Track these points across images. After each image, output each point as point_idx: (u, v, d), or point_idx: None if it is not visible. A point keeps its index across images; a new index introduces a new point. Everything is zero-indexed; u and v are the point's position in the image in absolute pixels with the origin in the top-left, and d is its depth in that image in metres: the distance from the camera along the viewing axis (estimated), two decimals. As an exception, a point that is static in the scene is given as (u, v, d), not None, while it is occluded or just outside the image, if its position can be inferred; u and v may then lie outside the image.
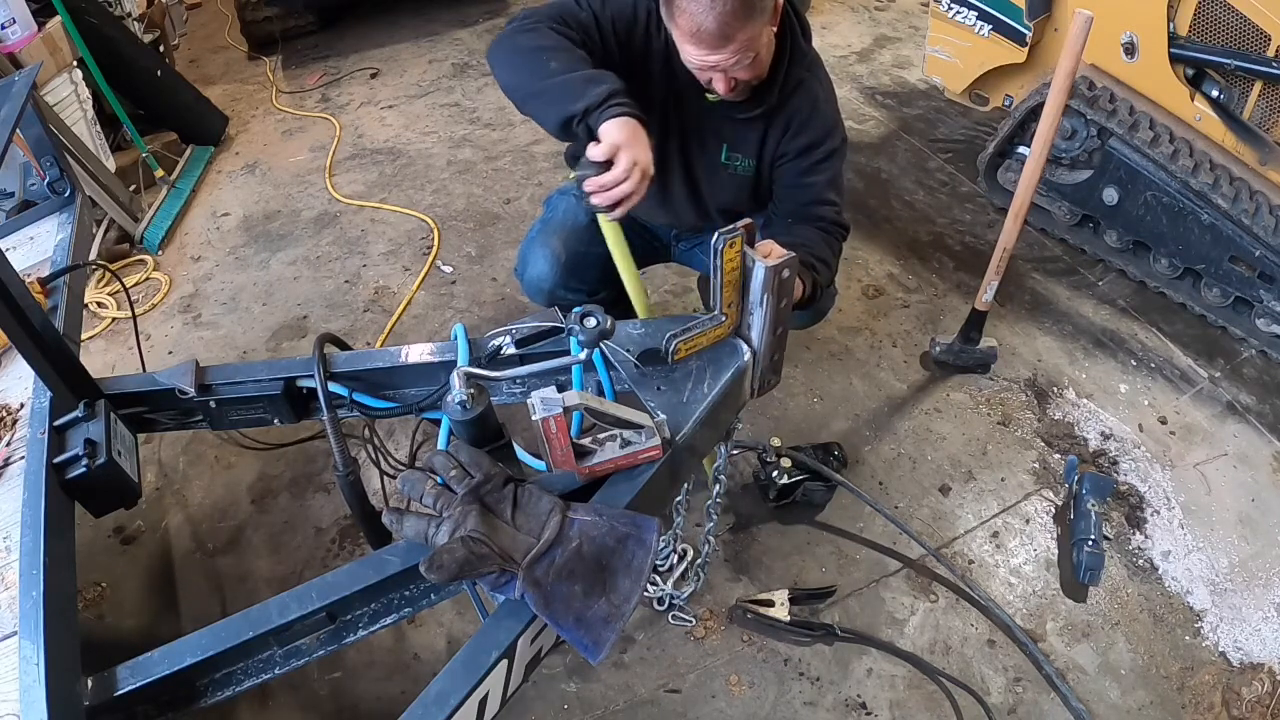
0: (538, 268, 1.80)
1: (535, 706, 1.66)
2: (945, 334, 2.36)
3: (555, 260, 1.78)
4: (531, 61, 1.40)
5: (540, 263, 1.80)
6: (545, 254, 1.79)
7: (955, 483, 2.07)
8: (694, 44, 1.37)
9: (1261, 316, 2.32)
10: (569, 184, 1.86)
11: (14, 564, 1.17)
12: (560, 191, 1.94)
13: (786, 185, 1.65)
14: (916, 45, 3.92)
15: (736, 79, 1.45)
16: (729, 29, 1.33)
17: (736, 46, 1.36)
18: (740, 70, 1.43)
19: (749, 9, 1.33)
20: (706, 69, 1.42)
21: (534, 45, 1.42)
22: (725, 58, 1.38)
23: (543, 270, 1.80)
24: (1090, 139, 2.45)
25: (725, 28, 1.32)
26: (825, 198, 1.61)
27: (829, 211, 1.61)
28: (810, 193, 1.62)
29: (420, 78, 3.97)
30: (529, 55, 1.41)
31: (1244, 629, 1.79)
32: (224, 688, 1.11)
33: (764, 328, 1.25)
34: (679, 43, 1.42)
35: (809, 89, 1.59)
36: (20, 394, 1.45)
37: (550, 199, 1.96)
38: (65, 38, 2.80)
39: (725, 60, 1.38)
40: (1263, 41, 2.09)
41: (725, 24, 1.32)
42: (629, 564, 1.02)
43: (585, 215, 1.80)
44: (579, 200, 1.37)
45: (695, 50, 1.38)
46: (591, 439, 1.14)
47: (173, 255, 2.95)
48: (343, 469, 1.32)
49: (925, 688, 1.69)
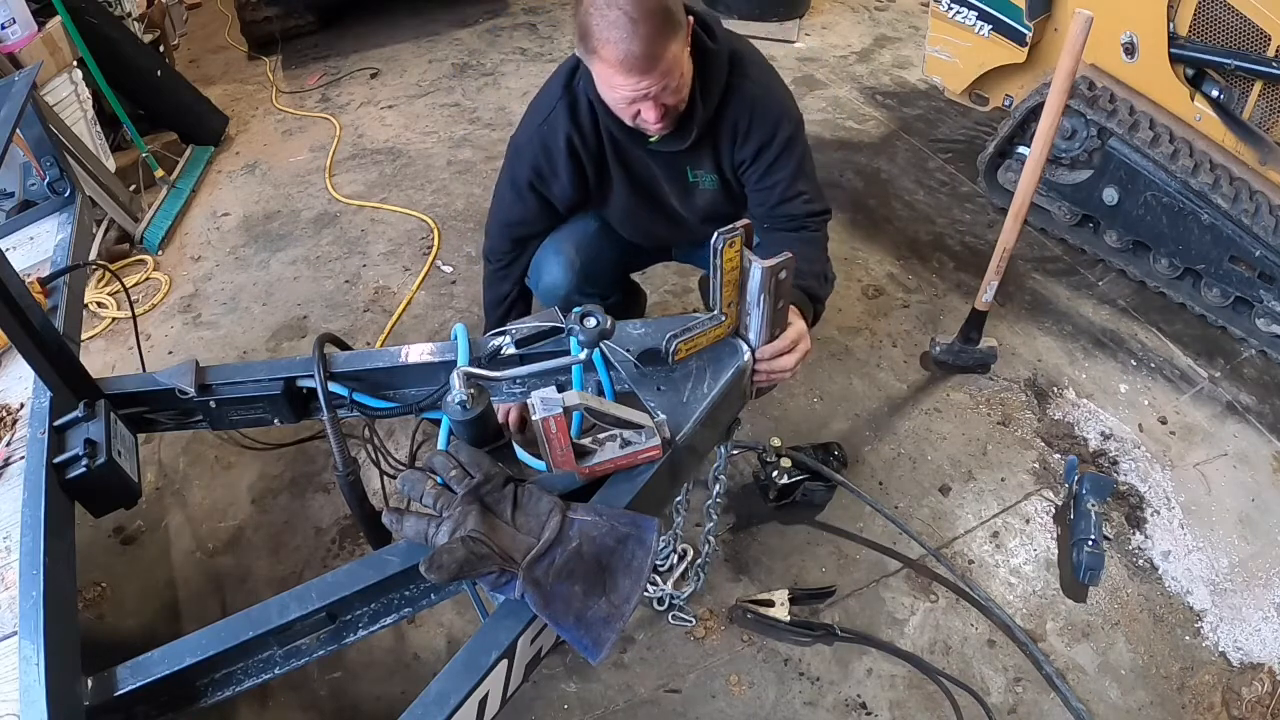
0: (553, 276, 1.79)
1: (535, 706, 1.66)
2: (945, 334, 2.36)
3: (570, 267, 1.78)
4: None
5: (555, 270, 1.79)
6: (560, 261, 1.78)
7: (955, 483, 2.07)
8: (623, 73, 1.34)
9: (1261, 316, 2.32)
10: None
11: (14, 564, 1.17)
12: None
13: (753, 189, 1.64)
14: (916, 45, 3.91)
15: (665, 105, 1.42)
16: (655, 48, 1.32)
17: (664, 66, 1.35)
18: (668, 96, 1.41)
19: (668, 25, 1.32)
20: (636, 100, 1.40)
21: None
22: (654, 81, 1.36)
23: (558, 278, 1.79)
24: (1090, 139, 2.45)
25: (651, 48, 1.31)
26: (794, 191, 1.60)
27: (800, 206, 1.60)
28: (777, 191, 1.60)
29: (420, 78, 3.97)
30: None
31: (1244, 629, 1.79)
32: (224, 688, 1.11)
33: (761, 329, 1.25)
34: (605, 77, 1.38)
35: (738, 91, 1.55)
36: (20, 394, 1.45)
37: None
38: (65, 38, 2.80)
39: (655, 84, 1.37)
40: (1263, 41, 2.09)
41: (651, 44, 1.31)
42: (629, 564, 1.02)
43: (595, 221, 1.82)
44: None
45: (624, 79, 1.35)
46: (591, 439, 1.14)
47: (173, 255, 2.95)
48: (343, 469, 1.32)
49: (925, 688, 1.69)
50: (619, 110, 1.46)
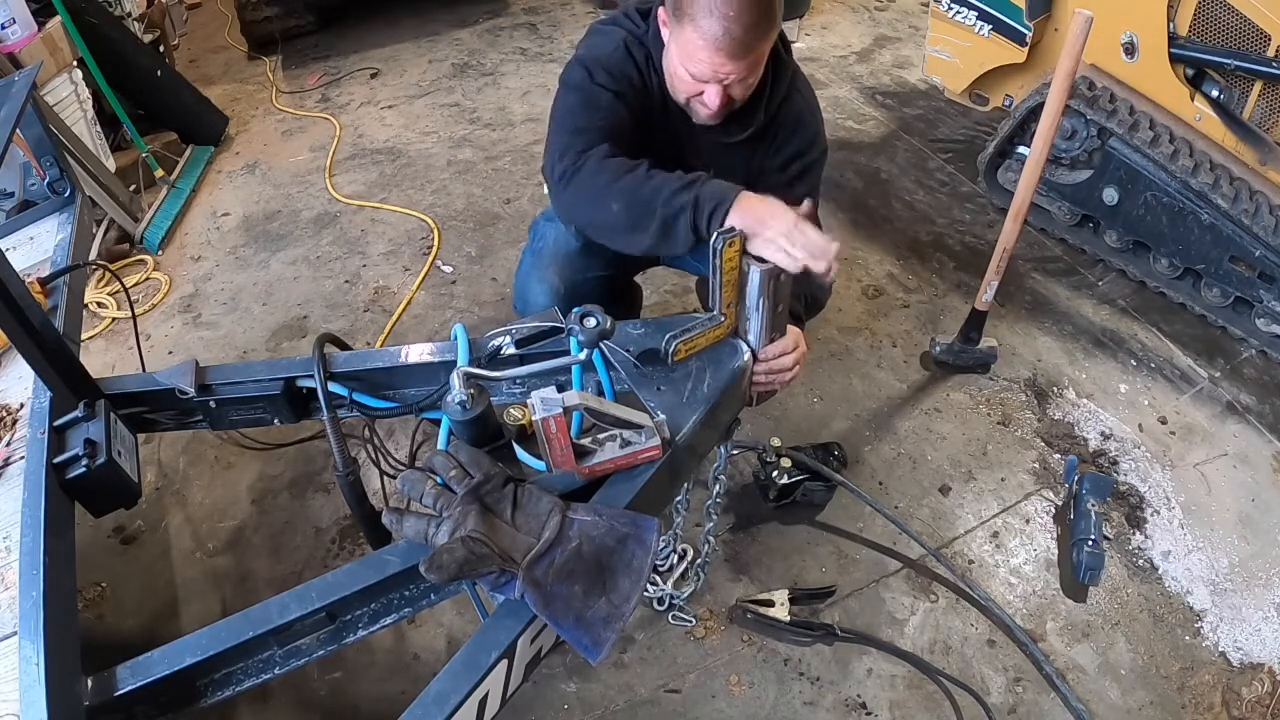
0: (538, 303, 1.77)
1: (535, 706, 1.66)
2: (945, 334, 2.36)
3: (554, 294, 1.76)
4: (625, 197, 1.33)
5: (540, 298, 1.77)
6: (544, 289, 1.77)
7: (955, 483, 2.07)
8: (712, 51, 1.32)
9: (1261, 316, 2.32)
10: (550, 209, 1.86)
11: (14, 564, 1.17)
12: (546, 218, 1.89)
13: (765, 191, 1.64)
14: (916, 45, 3.92)
15: (732, 96, 1.42)
16: (752, 39, 1.31)
17: (754, 59, 1.35)
18: (738, 87, 1.41)
19: (770, 21, 1.32)
20: (712, 81, 1.38)
21: (608, 183, 1.34)
22: (737, 70, 1.35)
23: (544, 303, 1.76)
24: (1090, 139, 2.45)
25: (749, 37, 1.30)
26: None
27: None
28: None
29: (420, 78, 3.97)
30: (617, 194, 1.33)
31: (1244, 629, 1.79)
32: (224, 688, 1.11)
33: (761, 333, 1.26)
34: (690, 50, 1.35)
35: (793, 104, 1.57)
36: (20, 394, 1.45)
37: (536, 225, 1.90)
38: (65, 38, 2.80)
39: (738, 72, 1.36)
40: (1263, 41, 2.09)
41: (750, 34, 1.30)
42: (629, 564, 1.02)
43: (577, 240, 1.79)
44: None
45: (711, 56, 1.33)
46: (591, 439, 1.14)
47: (173, 255, 2.95)
48: (343, 469, 1.32)
49: (925, 688, 1.69)
50: (683, 85, 1.43)
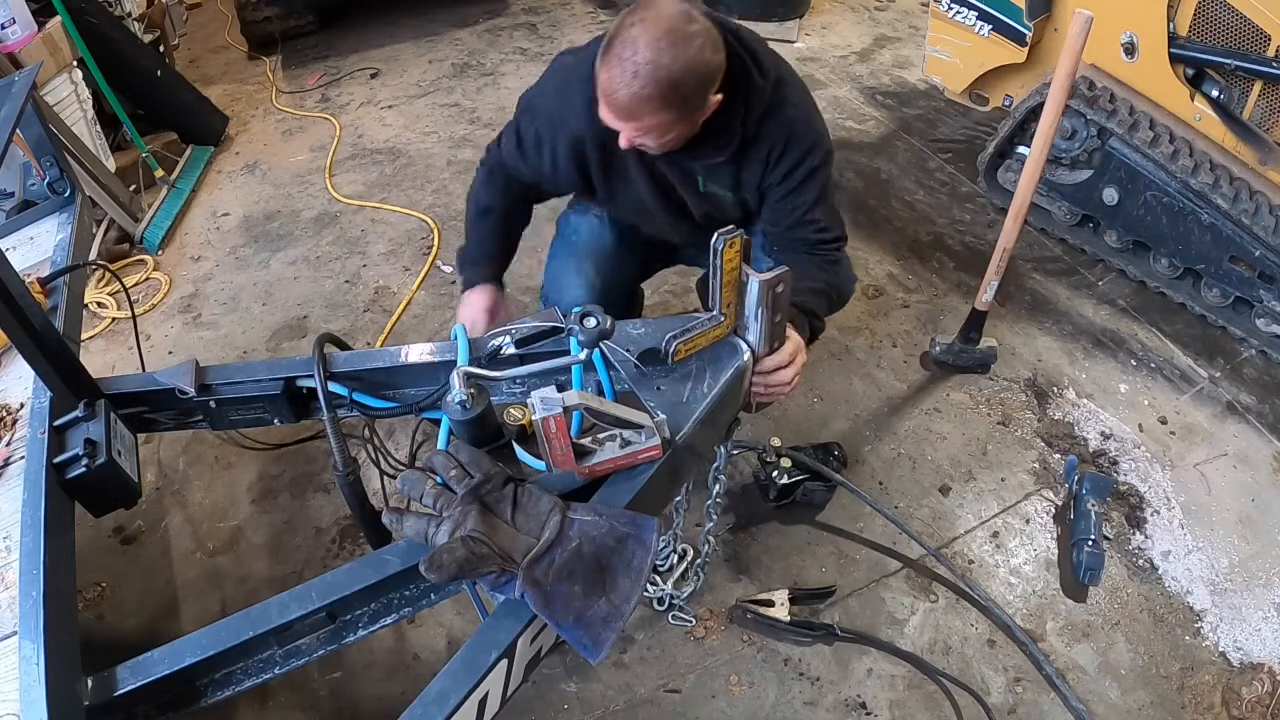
0: (574, 294, 1.79)
1: (535, 706, 1.66)
2: (945, 334, 2.36)
3: (590, 287, 1.78)
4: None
5: (575, 289, 1.79)
6: (581, 281, 1.79)
7: (955, 483, 2.07)
8: (604, 102, 1.37)
9: (1261, 316, 2.32)
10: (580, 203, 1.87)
11: (14, 564, 1.17)
12: (577, 211, 1.90)
13: (771, 206, 1.64)
14: (916, 45, 3.91)
15: (644, 143, 1.44)
16: (638, 109, 1.32)
17: (641, 126, 1.36)
18: (645, 140, 1.42)
19: (666, 101, 1.32)
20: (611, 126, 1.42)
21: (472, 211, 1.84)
22: (626, 129, 1.38)
23: (579, 296, 1.78)
24: (1090, 139, 2.45)
25: (635, 105, 1.32)
26: (810, 218, 1.60)
27: (812, 233, 1.61)
28: (795, 215, 1.60)
29: (420, 78, 3.97)
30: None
31: (1244, 629, 1.79)
32: (224, 688, 1.11)
33: (759, 342, 1.26)
34: (597, 88, 1.40)
35: (782, 116, 1.55)
36: (20, 394, 1.45)
37: (567, 218, 1.92)
38: (65, 38, 2.80)
39: (627, 131, 1.39)
40: (1263, 41, 2.09)
41: (636, 103, 1.31)
42: (629, 564, 1.02)
43: (612, 234, 1.82)
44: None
45: (604, 108, 1.38)
46: (591, 439, 1.14)
47: (173, 255, 2.95)
48: (343, 469, 1.32)
49: (925, 688, 1.69)
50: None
